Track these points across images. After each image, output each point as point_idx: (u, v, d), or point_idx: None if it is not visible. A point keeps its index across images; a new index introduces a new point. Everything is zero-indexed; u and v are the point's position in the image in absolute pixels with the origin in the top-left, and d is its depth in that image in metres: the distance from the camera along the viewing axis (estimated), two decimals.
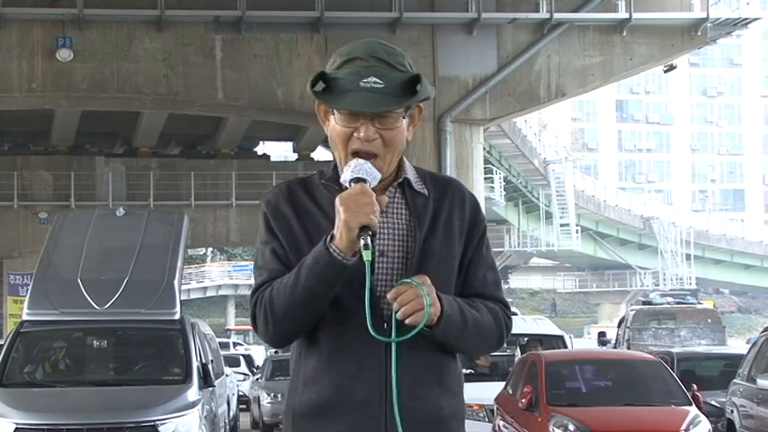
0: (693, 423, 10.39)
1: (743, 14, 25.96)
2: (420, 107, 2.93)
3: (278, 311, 2.81)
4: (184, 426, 10.49)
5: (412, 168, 2.98)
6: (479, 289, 2.96)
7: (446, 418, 2.90)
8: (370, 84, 2.78)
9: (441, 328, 2.78)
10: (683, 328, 24.26)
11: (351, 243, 2.71)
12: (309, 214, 2.88)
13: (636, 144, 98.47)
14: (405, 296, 2.73)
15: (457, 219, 2.94)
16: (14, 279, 31.42)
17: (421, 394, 2.85)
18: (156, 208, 29.87)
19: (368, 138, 2.82)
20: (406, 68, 2.85)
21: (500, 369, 14.86)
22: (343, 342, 2.84)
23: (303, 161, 37.43)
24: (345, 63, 2.84)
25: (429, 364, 2.87)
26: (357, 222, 2.69)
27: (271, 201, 2.93)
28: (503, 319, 2.96)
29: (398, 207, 2.92)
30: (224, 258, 73.45)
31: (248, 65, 23.81)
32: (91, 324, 11.76)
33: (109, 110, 28.90)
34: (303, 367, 2.91)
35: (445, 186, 2.98)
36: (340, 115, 2.84)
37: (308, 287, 2.76)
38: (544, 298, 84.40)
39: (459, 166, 24.36)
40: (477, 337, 2.91)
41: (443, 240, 2.90)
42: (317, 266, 2.74)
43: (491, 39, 24.71)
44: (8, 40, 23.20)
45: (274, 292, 2.81)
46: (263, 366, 24.02)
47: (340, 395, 2.83)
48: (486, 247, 3.01)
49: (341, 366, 2.84)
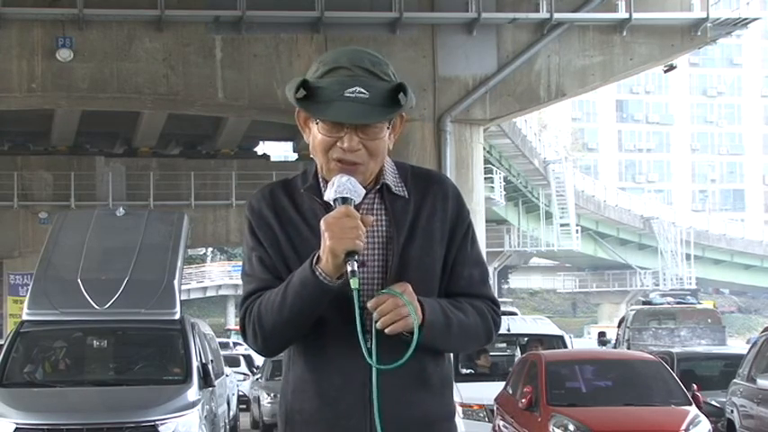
0: (693, 423, 10.39)
1: (743, 14, 25.94)
2: (402, 115, 2.91)
3: (266, 327, 2.83)
4: (184, 426, 10.49)
5: (392, 167, 2.95)
6: (465, 288, 2.94)
7: (434, 421, 2.90)
8: (355, 94, 2.75)
9: (423, 334, 2.76)
10: (683, 328, 24.26)
11: (337, 268, 2.72)
12: (291, 221, 2.89)
13: (636, 144, 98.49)
14: (384, 307, 2.74)
15: (438, 220, 2.92)
16: (14, 279, 31.43)
17: (407, 400, 2.85)
18: (156, 208, 29.90)
19: (351, 148, 2.80)
20: (390, 78, 2.82)
21: (500, 369, 14.88)
22: (327, 354, 2.86)
23: (303, 161, 37.43)
24: (329, 72, 2.80)
25: (415, 369, 2.86)
26: (342, 249, 2.69)
27: (255, 207, 2.92)
28: (490, 317, 2.95)
29: (378, 213, 2.90)
30: (224, 258, 73.45)
31: (248, 65, 23.80)
32: (91, 324, 11.76)
33: (109, 110, 28.89)
34: (292, 374, 2.94)
35: (427, 184, 2.94)
36: (323, 124, 2.82)
37: (295, 308, 2.78)
38: (544, 298, 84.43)
39: (459, 166, 24.35)
40: (463, 338, 2.91)
41: (422, 245, 2.88)
42: (304, 290, 2.76)
43: (491, 39, 24.69)
44: (8, 40, 23.18)
45: (262, 308, 2.83)
46: (263, 366, 24.02)
47: (326, 405, 2.85)
48: (472, 242, 2.98)
49: (325, 378, 2.86)
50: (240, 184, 33.93)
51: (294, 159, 40.52)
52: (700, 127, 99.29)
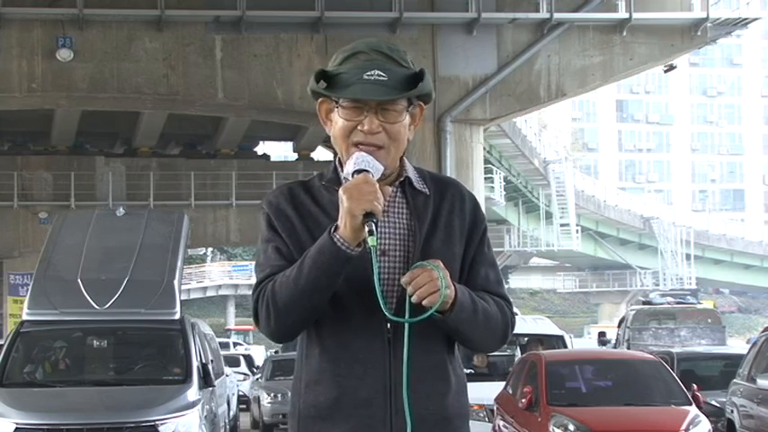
0: (693, 423, 10.38)
1: (743, 14, 25.96)
2: (422, 106, 2.93)
3: (280, 304, 2.78)
4: (184, 426, 10.48)
5: (412, 168, 2.98)
6: (483, 287, 2.95)
7: (451, 417, 2.89)
8: (374, 76, 2.79)
9: (454, 313, 2.77)
10: (683, 328, 24.25)
11: (355, 231, 2.70)
12: (311, 214, 2.88)
13: (636, 144, 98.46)
14: (420, 279, 2.72)
15: (457, 218, 2.94)
16: (14, 279, 31.40)
17: (425, 392, 2.84)
18: (156, 208, 29.87)
19: (371, 130, 2.82)
20: (409, 65, 2.86)
21: (500, 369, 14.87)
22: (345, 342, 2.83)
23: (303, 161, 37.44)
24: (348, 58, 2.84)
25: (433, 362, 2.87)
26: (360, 209, 2.69)
27: (272, 201, 2.92)
28: (508, 314, 2.96)
29: (399, 206, 2.91)
30: (224, 258, 73.43)
31: (248, 65, 23.80)
32: (91, 324, 11.75)
33: (109, 110, 28.90)
34: (306, 368, 2.90)
35: (445, 186, 2.98)
36: (344, 109, 2.84)
37: (312, 278, 2.74)
38: (544, 298, 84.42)
39: (459, 166, 24.36)
40: (486, 327, 2.89)
41: (444, 240, 2.90)
42: (322, 257, 2.73)
43: (491, 39, 24.71)
44: (8, 40, 23.19)
45: (277, 285, 2.80)
46: (263, 366, 24.01)
47: (344, 395, 2.82)
48: (488, 245, 3.02)
49: (344, 366, 2.83)
50: (240, 184, 33.91)
51: (294, 159, 40.49)
52: (700, 127, 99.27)
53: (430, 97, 2.91)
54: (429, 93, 2.88)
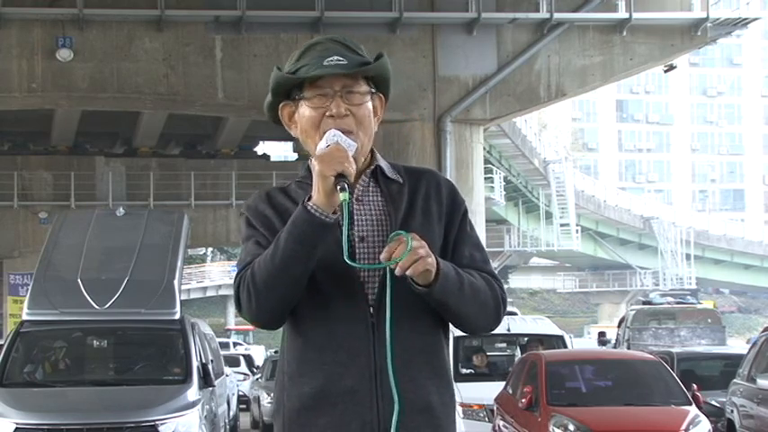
0: (693, 423, 10.39)
1: (743, 14, 25.93)
2: (381, 99, 2.97)
3: (259, 283, 2.78)
4: (184, 426, 10.49)
5: (385, 161, 3.01)
6: (468, 266, 2.92)
7: (434, 404, 2.86)
8: (334, 61, 2.85)
9: (439, 283, 2.75)
10: (683, 328, 24.27)
11: (328, 196, 2.72)
12: (287, 210, 2.89)
13: (636, 144, 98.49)
14: (399, 249, 2.71)
15: (434, 202, 2.95)
16: (14, 279, 31.40)
17: (410, 377, 2.82)
18: (156, 208, 29.88)
19: (339, 113, 2.86)
20: (364, 55, 2.93)
21: (500, 369, 14.89)
22: (328, 330, 2.83)
23: (303, 161, 37.25)
24: (305, 52, 2.92)
25: (420, 347, 2.85)
26: (332, 170, 2.71)
27: (251, 205, 2.96)
28: (497, 289, 2.93)
29: (374, 194, 2.93)
30: (224, 258, 73.43)
31: (248, 65, 23.80)
32: (91, 324, 11.76)
33: (109, 110, 28.88)
34: (289, 361, 2.90)
35: (420, 174, 3.00)
36: (308, 100, 2.89)
37: (288, 250, 2.74)
38: (544, 298, 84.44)
39: (459, 166, 24.34)
40: (475, 300, 2.86)
41: (423, 223, 2.89)
42: (296, 228, 2.74)
43: (491, 39, 24.69)
44: (8, 40, 23.18)
45: (255, 267, 2.80)
46: (263, 366, 24.03)
47: (330, 384, 2.82)
48: (470, 226, 3.01)
49: (329, 354, 2.83)
50: (240, 184, 33.94)
51: (294, 159, 40.52)
52: (700, 127, 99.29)
53: (388, 84, 2.97)
54: (388, 75, 2.95)
